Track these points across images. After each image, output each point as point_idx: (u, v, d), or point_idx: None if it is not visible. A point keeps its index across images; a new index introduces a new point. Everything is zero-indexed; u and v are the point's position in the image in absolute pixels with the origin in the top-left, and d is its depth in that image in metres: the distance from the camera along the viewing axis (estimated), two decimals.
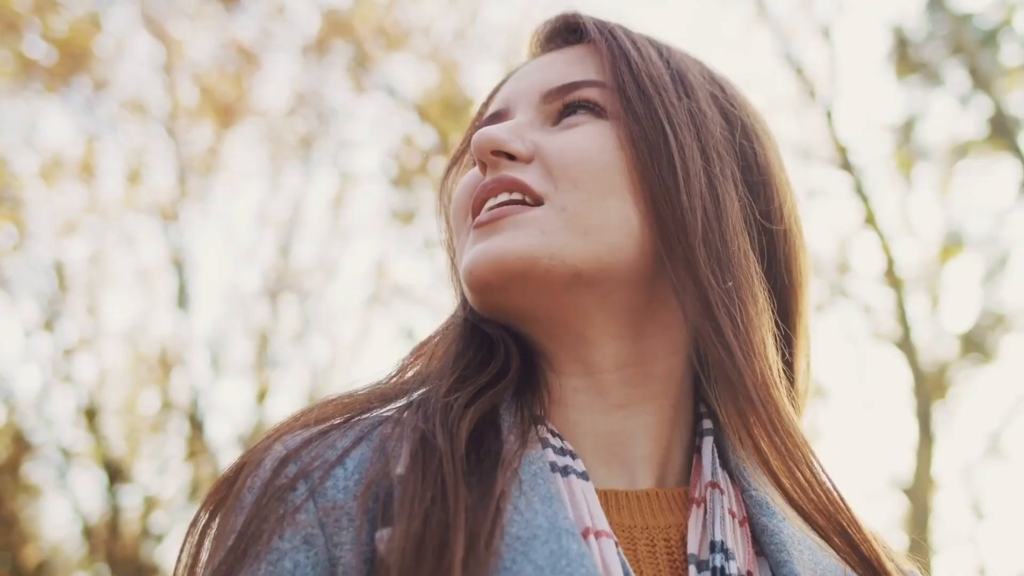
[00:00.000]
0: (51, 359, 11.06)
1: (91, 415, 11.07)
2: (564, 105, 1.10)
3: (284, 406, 11.90)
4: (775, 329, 1.06)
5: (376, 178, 11.78)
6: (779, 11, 10.73)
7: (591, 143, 1.05)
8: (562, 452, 1.00)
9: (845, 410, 12.81)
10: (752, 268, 1.06)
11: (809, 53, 10.67)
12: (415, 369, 1.10)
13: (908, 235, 10.84)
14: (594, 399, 1.06)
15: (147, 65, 11.29)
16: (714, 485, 1.05)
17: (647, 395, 1.07)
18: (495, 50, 11.40)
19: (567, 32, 1.19)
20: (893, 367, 11.14)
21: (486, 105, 1.21)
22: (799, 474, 1.01)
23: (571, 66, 1.13)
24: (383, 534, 0.87)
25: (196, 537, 0.97)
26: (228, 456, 11.22)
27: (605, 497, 1.02)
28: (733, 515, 1.04)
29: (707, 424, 1.10)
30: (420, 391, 1.04)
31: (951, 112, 10.85)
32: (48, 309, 10.99)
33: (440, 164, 11.29)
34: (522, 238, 1.01)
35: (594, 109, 1.09)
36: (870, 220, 10.08)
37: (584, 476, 0.99)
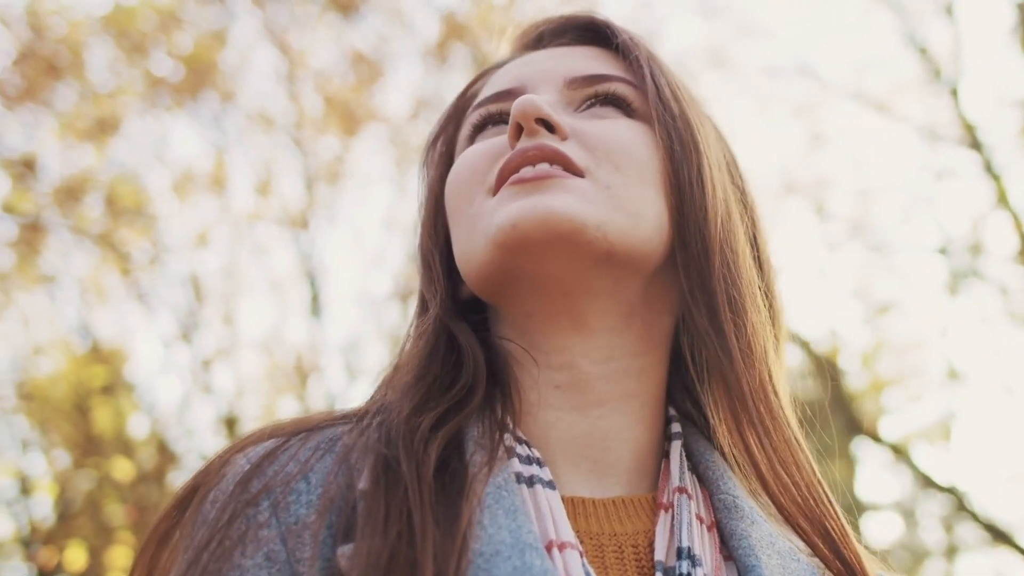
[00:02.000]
0: (190, 370, 11.27)
1: (231, 424, 11.23)
2: (592, 95, 1.11)
3: None
4: (774, 340, 1.09)
5: None
6: None
7: (632, 136, 1.06)
8: (528, 461, 0.99)
9: (984, 394, 12.60)
10: (756, 280, 1.09)
11: (932, 32, 10.46)
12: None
13: None
14: (573, 396, 1.05)
15: (271, 77, 11.46)
16: (682, 490, 1.04)
17: (624, 393, 1.06)
18: None
19: (581, 31, 1.20)
20: None
21: (475, 82, 1.22)
22: (786, 477, 1.03)
23: (595, 60, 1.14)
24: (345, 550, 0.87)
25: (153, 549, 0.97)
26: None
27: (572, 505, 1.01)
28: (701, 520, 1.03)
29: (675, 427, 1.11)
30: (384, 403, 1.02)
31: None
32: (185, 321, 11.19)
33: None
34: (572, 201, 0.99)
35: (622, 106, 1.11)
36: (1002, 199, 9.89)
37: (551, 485, 0.98)
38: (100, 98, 11.00)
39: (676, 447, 1.08)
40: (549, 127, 1.04)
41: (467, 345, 1.05)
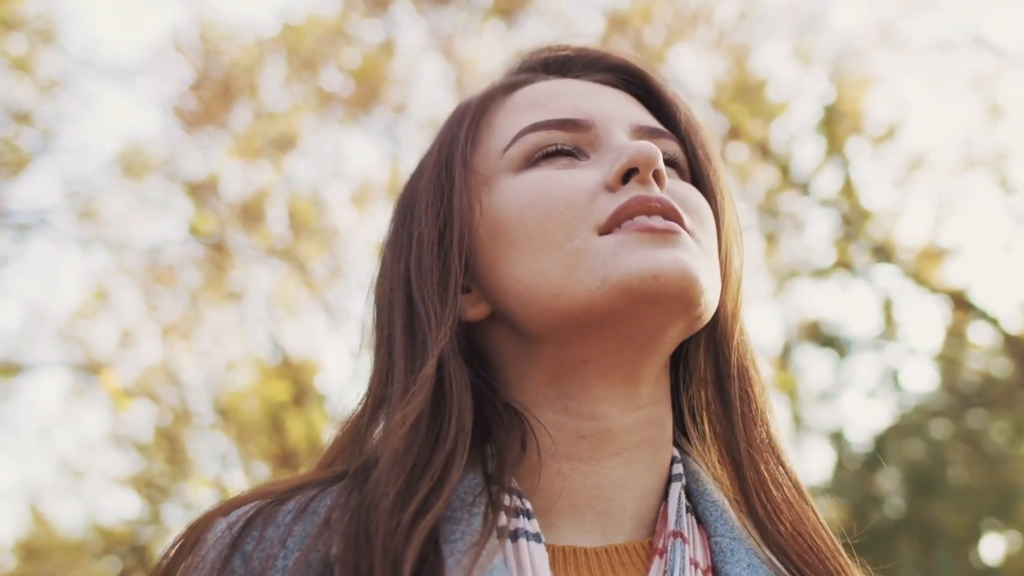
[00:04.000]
0: None
1: None
2: None
3: None
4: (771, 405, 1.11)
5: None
6: None
7: (705, 203, 1.08)
8: (516, 513, 0.97)
9: None
10: (754, 349, 1.13)
11: None
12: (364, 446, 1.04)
13: None
14: (596, 446, 1.02)
15: (439, 84, 11.58)
16: (677, 534, 1.02)
17: (640, 442, 1.04)
18: (781, 30, 11.27)
19: (616, 72, 1.16)
20: None
21: (495, 93, 1.15)
22: (787, 532, 1.04)
23: (645, 112, 1.13)
24: None
25: None
26: None
27: (564, 555, 1.00)
28: (696, 565, 1.01)
29: (677, 469, 1.08)
30: (369, 465, 0.98)
31: None
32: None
33: (736, 149, 11.22)
34: (698, 264, 0.99)
35: (676, 166, 1.10)
36: None
37: (537, 538, 0.96)
38: (274, 117, 11.24)
39: (676, 489, 1.06)
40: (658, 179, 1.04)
41: (456, 404, 0.98)
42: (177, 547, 0.99)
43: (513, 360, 1.06)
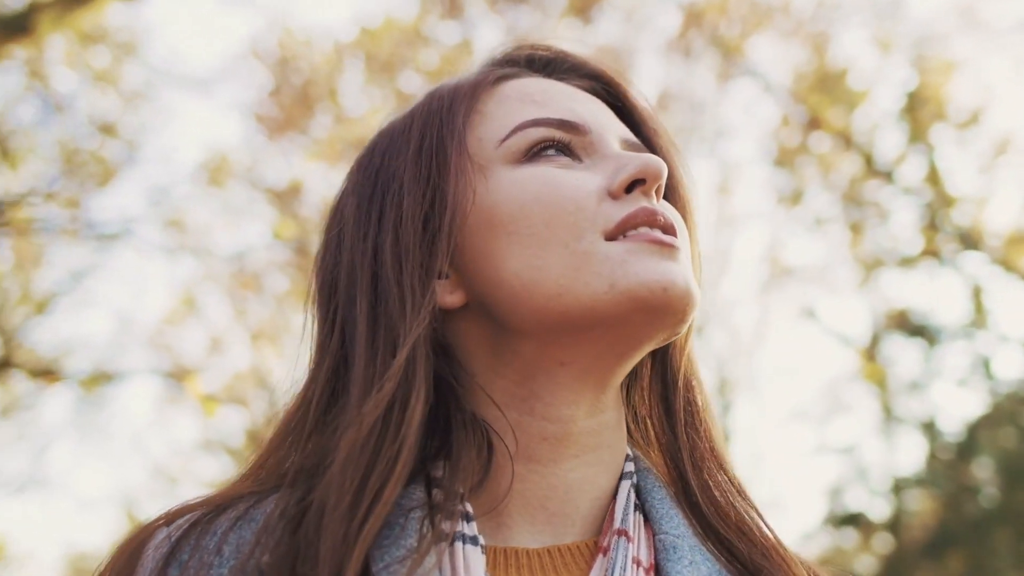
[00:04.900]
0: None
1: None
2: None
3: None
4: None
5: (757, 162, 11.75)
6: None
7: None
8: (455, 516, 0.95)
9: None
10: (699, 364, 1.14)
11: None
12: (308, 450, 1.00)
13: None
14: (557, 448, 1.01)
15: None
16: (622, 532, 1.01)
17: (598, 444, 1.04)
18: (859, 17, 11.18)
19: (597, 80, 1.15)
20: None
21: (483, 80, 1.11)
22: (733, 534, 1.05)
23: (623, 126, 1.12)
24: None
25: None
26: None
27: (505, 557, 0.99)
28: (638, 563, 1.00)
29: (628, 467, 1.07)
30: (324, 465, 0.95)
31: None
32: None
33: (818, 139, 11.16)
34: (693, 280, 1.00)
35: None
36: None
37: (474, 540, 0.95)
38: (354, 120, 11.35)
39: (625, 487, 1.05)
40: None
41: (416, 396, 0.95)
42: (118, 555, 0.99)
43: (482, 355, 1.03)
